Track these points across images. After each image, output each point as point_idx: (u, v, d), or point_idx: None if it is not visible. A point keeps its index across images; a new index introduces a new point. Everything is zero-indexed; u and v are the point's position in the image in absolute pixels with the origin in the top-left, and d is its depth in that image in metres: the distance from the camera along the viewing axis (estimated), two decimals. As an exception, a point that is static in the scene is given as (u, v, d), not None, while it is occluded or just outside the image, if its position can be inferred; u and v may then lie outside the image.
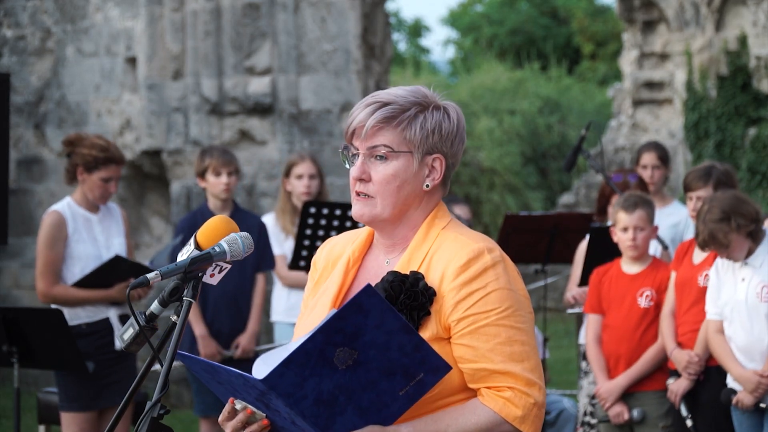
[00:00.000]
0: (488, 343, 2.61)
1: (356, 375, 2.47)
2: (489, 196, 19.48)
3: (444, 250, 2.68)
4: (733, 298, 5.17)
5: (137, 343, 2.68)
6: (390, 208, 2.70)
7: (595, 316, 5.85)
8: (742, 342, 5.16)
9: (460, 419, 2.61)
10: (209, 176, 6.66)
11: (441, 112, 2.72)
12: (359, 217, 2.73)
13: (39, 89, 11.03)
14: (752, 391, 5.09)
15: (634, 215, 5.65)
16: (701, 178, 5.64)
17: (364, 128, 2.68)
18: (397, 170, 2.69)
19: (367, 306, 2.44)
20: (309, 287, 2.89)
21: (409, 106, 2.69)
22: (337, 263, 2.83)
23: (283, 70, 10.30)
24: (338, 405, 2.48)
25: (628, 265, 5.79)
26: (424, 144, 2.69)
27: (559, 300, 12.37)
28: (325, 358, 2.43)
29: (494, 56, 28.66)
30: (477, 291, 2.63)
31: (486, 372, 2.62)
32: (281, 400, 2.44)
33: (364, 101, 2.72)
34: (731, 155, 10.96)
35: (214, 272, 2.72)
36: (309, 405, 2.45)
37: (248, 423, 2.57)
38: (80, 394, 5.81)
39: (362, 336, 2.45)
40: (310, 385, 2.44)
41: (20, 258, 11.01)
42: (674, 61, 11.79)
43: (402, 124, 2.68)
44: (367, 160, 2.70)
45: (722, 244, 5.08)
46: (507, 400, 2.61)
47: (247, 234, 2.72)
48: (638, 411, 5.66)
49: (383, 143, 2.68)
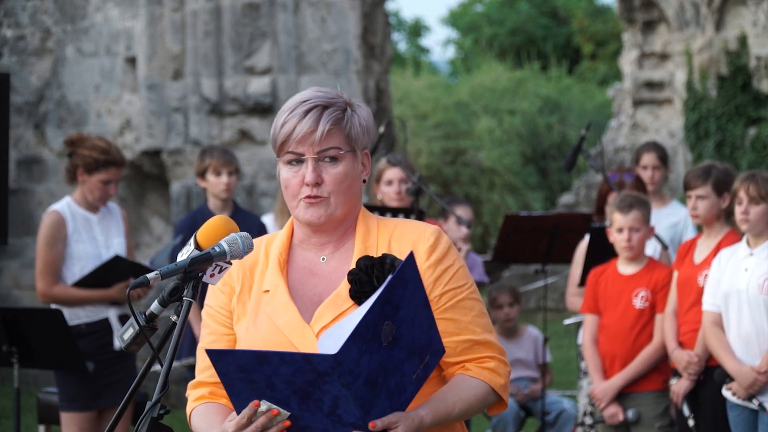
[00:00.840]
0: (467, 315, 2.75)
1: (392, 353, 2.48)
2: (489, 196, 19.49)
3: (402, 233, 2.78)
4: (733, 287, 5.17)
5: (137, 343, 2.68)
6: (342, 206, 2.76)
7: (592, 317, 5.85)
8: (739, 332, 5.16)
9: (462, 394, 2.69)
10: (209, 176, 6.65)
11: (361, 108, 2.80)
12: (317, 219, 2.76)
13: (39, 89, 11.03)
14: (748, 387, 5.09)
15: (630, 216, 5.65)
16: (700, 177, 5.65)
17: (315, 133, 2.70)
18: (347, 169, 2.74)
19: (407, 276, 2.49)
20: (223, 301, 2.82)
21: (343, 105, 2.75)
22: (255, 270, 2.81)
23: (283, 70, 10.30)
24: (378, 386, 2.47)
25: (624, 266, 5.79)
26: (360, 141, 2.77)
27: (559, 300, 12.38)
28: (376, 331, 2.44)
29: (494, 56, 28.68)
30: (449, 268, 2.76)
31: (470, 343, 2.74)
32: (342, 378, 2.39)
33: (299, 107, 2.73)
34: (731, 155, 10.97)
35: (214, 272, 2.71)
36: (361, 384, 2.43)
37: (266, 428, 2.51)
38: (80, 394, 5.80)
39: (401, 309, 2.48)
40: (364, 362, 2.42)
41: (20, 258, 11.01)
42: (674, 61, 11.79)
43: (347, 125, 2.74)
44: (317, 164, 2.73)
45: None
46: (492, 371, 2.74)
47: (247, 234, 2.72)
48: (633, 412, 5.66)
49: (334, 145, 2.72)
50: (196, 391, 2.82)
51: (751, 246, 5.22)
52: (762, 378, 5.07)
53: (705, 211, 5.61)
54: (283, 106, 2.78)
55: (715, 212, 5.63)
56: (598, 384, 5.72)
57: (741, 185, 5.21)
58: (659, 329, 5.67)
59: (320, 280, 2.77)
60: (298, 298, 2.75)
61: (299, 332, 2.68)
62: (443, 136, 19.79)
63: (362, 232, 2.79)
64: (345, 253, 2.78)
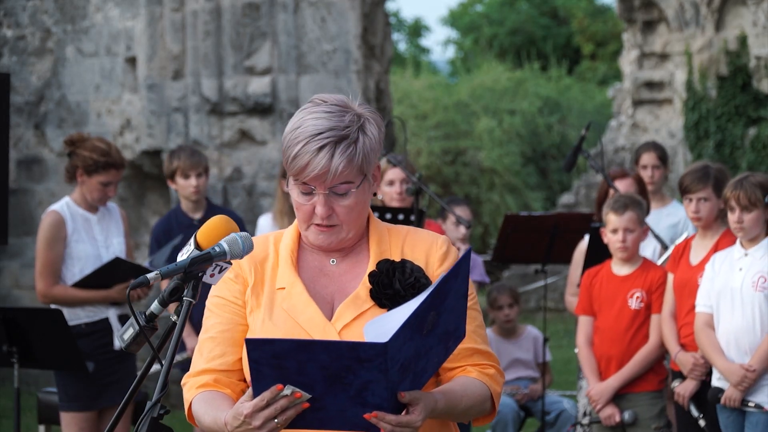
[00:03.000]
0: (471, 325, 2.76)
1: (427, 340, 2.53)
2: (489, 196, 19.48)
3: (414, 240, 2.82)
4: (727, 286, 5.18)
5: (137, 343, 2.68)
6: (354, 230, 2.79)
7: (586, 318, 5.85)
8: (730, 330, 5.16)
9: (468, 391, 2.72)
10: (178, 179, 6.64)
11: (372, 123, 2.75)
12: (327, 246, 2.79)
13: (39, 89, 11.03)
14: (737, 384, 5.09)
15: (624, 217, 5.65)
16: (701, 180, 5.64)
17: (328, 174, 2.68)
18: (358, 198, 2.74)
19: (462, 269, 2.57)
20: (238, 290, 2.83)
21: (355, 130, 2.70)
22: (265, 265, 2.83)
23: (283, 70, 10.30)
24: (409, 371, 2.52)
25: (618, 267, 5.78)
26: (373, 162, 2.76)
27: (559, 300, 12.38)
28: (422, 320, 2.49)
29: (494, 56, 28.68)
30: None
31: (471, 351, 2.78)
32: (385, 365, 2.42)
33: (312, 142, 2.67)
34: (731, 155, 10.97)
35: (214, 272, 2.72)
36: (396, 370, 2.47)
37: (285, 409, 2.49)
38: (80, 393, 5.80)
39: (447, 299, 2.54)
40: (405, 350, 2.47)
41: (20, 258, 11.01)
42: (674, 61, 11.79)
43: (358, 157, 2.70)
44: (328, 197, 2.72)
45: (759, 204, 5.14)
46: (491, 377, 2.79)
47: (247, 234, 2.72)
48: (629, 413, 5.65)
49: (344, 181, 2.71)
50: (198, 378, 2.81)
51: (746, 247, 5.23)
52: (751, 375, 5.08)
53: (707, 213, 5.61)
54: (295, 130, 2.71)
55: (715, 213, 5.64)
56: (594, 385, 5.72)
57: (731, 194, 5.20)
58: (655, 329, 5.66)
59: (331, 281, 2.80)
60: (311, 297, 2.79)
61: (321, 329, 2.71)
62: (443, 136, 19.79)
63: (376, 238, 2.82)
64: (356, 257, 2.81)
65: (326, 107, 2.72)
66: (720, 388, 5.20)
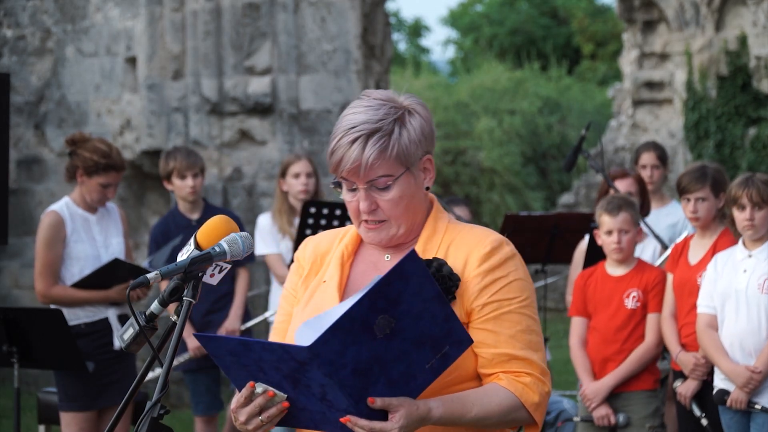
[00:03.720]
0: (510, 329, 2.68)
1: (391, 345, 2.47)
2: (489, 196, 19.48)
3: (463, 239, 2.74)
4: (730, 288, 5.16)
5: (137, 343, 2.69)
6: (404, 224, 2.76)
7: (580, 319, 5.84)
8: (735, 332, 5.15)
9: (484, 399, 2.64)
10: (175, 179, 6.65)
11: (414, 116, 2.73)
12: (378, 243, 2.78)
13: (39, 89, 11.03)
14: (743, 386, 5.09)
15: (618, 218, 5.64)
16: (698, 180, 5.64)
17: (360, 166, 2.68)
18: (402, 191, 2.72)
19: (409, 271, 2.46)
20: (295, 281, 2.89)
21: (391, 124, 2.69)
22: (326, 258, 2.85)
23: (283, 70, 10.30)
24: (372, 376, 2.48)
25: (613, 268, 5.77)
26: (415, 154, 2.72)
27: (559, 300, 12.38)
28: (367, 324, 2.43)
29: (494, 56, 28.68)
30: (501, 278, 2.71)
31: (507, 357, 2.68)
32: (322, 369, 2.42)
33: (346, 136, 2.68)
34: (731, 155, 10.96)
35: (214, 272, 2.72)
36: (347, 374, 2.44)
37: (265, 408, 2.54)
38: (80, 393, 5.80)
39: (402, 303, 2.47)
40: (350, 354, 2.43)
41: (20, 258, 11.01)
42: (674, 61, 11.79)
43: (394, 149, 2.68)
44: (369, 192, 2.71)
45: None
46: (526, 386, 2.67)
47: (247, 234, 2.73)
48: (623, 416, 5.65)
49: (382, 174, 2.69)
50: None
51: (749, 248, 5.22)
52: (757, 377, 5.07)
53: (705, 213, 5.61)
54: (335, 127, 2.73)
55: (713, 213, 5.63)
56: (588, 384, 5.71)
57: (743, 191, 5.17)
58: (651, 329, 5.65)
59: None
60: (353, 292, 2.77)
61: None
62: (443, 136, 19.79)
63: (426, 235, 2.78)
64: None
65: (367, 101, 2.73)
66: (726, 390, 5.19)
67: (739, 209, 5.18)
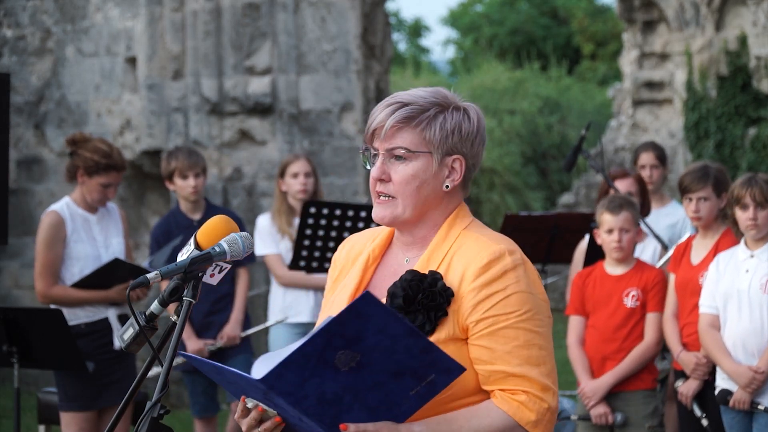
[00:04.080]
0: (506, 345, 2.61)
1: (361, 376, 2.45)
2: (489, 196, 19.48)
3: (465, 250, 2.68)
4: (733, 288, 5.16)
5: (137, 343, 2.69)
6: (411, 208, 2.71)
7: (578, 318, 5.85)
8: (738, 332, 5.15)
9: (473, 421, 2.60)
10: (176, 179, 6.65)
11: (461, 113, 2.73)
12: (380, 220, 2.74)
13: (39, 89, 11.03)
14: (745, 386, 5.09)
15: (619, 217, 5.64)
16: (701, 180, 5.64)
17: (383, 128, 2.68)
18: (417, 171, 2.69)
19: (366, 312, 2.41)
20: (328, 285, 2.91)
21: (429, 106, 2.69)
22: (356, 261, 2.85)
23: (283, 70, 10.30)
24: (344, 404, 2.47)
25: (612, 267, 5.77)
26: (444, 144, 2.70)
27: (559, 300, 12.37)
28: (325, 360, 2.42)
29: (494, 56, 28.67)
30: (497, 293, 2.63)
31: (502, 374, 2.61)
32: (284, 398, 2.44)
33: (385, 101, 2.72)
34: (731, 155, 10.96)
35: (214, 272, 2.72)
36: (312, 404, 2.45)
37: (262, 420, 2.57)
38: (80, 393, 5.81)
39: (364, 340, 2.43)
40: (311, 386, 2.43)
41: (20, 258, 11.01)
42: (674, 61, 11.79)
43: (421, 124, 2.68)
44: (386, 161, 2.71)
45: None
46: (521, 404, 2.61)
47: (247, 234, 2.73)
48: (620, 416, 5.65)
49: (401, 144, 2.68)
50: None
51: (751, 248, 5.22)
52: (759, 377, 5.07)
53: (707, 213, 5.61)
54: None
55: (715, 213, 5.64)
56: (587, 383, 5.71)
57: (746, 191, 5.17)
58: (650, 328, 5.65)
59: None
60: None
61: None
62: (443, 136, 19.77)
63: (436, 242, 2.73)
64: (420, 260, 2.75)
65: (424, 88, 2.76)
66: (728, 390, 5.19)
67: (742, 209, 5.18)
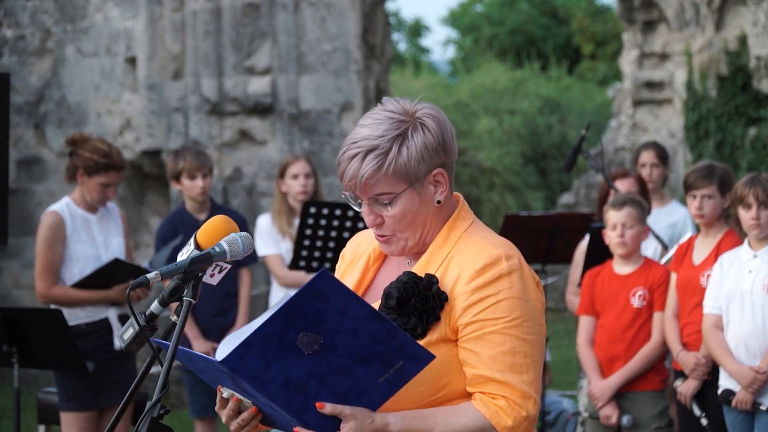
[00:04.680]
0: (491, 350, 2.62)
1: (326, 360, 2.47)
2: (489, 196, 19.47)
3: (463, 253, 2.69)
4: (736, 288, 5.16)
5: (137, 343, 2.69)
6: (413, 238, 2.73)
7: (588, 318, 5.85)
8: (741, 333, 5.15)
9: (449, 419, 2.60)
10: (184, 179, 6.64)
11: (420, 130, 2.69)
12: (390, 254, 2.77)
13: (39, 89, 11.03)
14: (747, 386, 5.09)
15: (622, 212, 5.65)
16: (706, 177, 5.64)
17: (357, 183, 2.68)
18: (405, 207, 2.70)
19: (326, 292, 2.44)
20: (336, 274, 2.92)
21: (390, 143, 2.66)
22: (362, 256, 2.87)
23: (283, 70, 10.30)
24: (310, 389, 2.48)
25: (620, 266, 5.78)
26: (419, 170, 2.69)
27: (559, 300, 12.38)
28: (287, 341, 2.43)
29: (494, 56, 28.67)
30: (488, 297, 2.63)
31: (483, 378, 2.62)
32: (247, 382, 2.44)
33: (348, 150, 2.68)
34: (731, 155, 10.96)
35: (214, 272, 2.72)
36: (277, 388, 2.45)
37: (239, 411, 2.59)
38: (80, 393, 5.80)
39: (325, 321, 2.45)
40: (274, 369, 2.43)
41: (20, 258, 11.01)
42: (674, 61, 11.79)
43: (391, 167, 2.66)
44: (373, 206, 2.71)
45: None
46: (499, 409, 2.61)
47: (247, 234, 2.72)
48: (627, 418, 5.65)
49: (381, 191, 2.68)
50: None
51: (755, 248, 5.22)
52: (761, 377, 5.07)
53: (710, 211, 5.61)
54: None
55: (718, 212, 5.63)
56: (596, 383, 5.72)
57: (749, 190, 5.16)
58: (657, 327, 5.66)
59: None
60: (373, 295, 2.78)
61: None
62: (443, 136, 19.75)
63: (436, 245, 2.74)
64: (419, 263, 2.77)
65: (376, 114, 2.71)
66: (731, 390, 5.19)
67: (745, 208, 5.17)
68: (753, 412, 5.16)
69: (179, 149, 7.04)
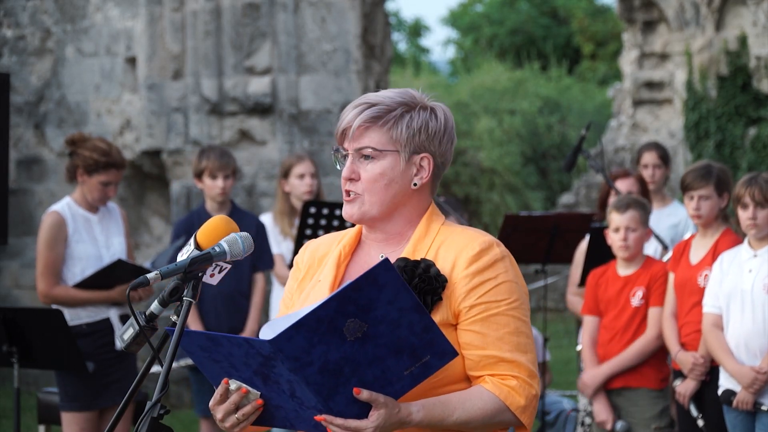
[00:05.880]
0: (498, 331, 2.68)
1: (364, 348, 2.49)
2: (489, 196, 19.47)
3: (453, 241, 2.75)
4: (736, 288, 5.16)
5: (137, 343, 2.69)
6: (378, 205, 2.77)
7: (592, 318, 5.85)
8: (741, 333, 5.15)
9: (467, 404, 2.64)
10: (206, 179, 6.64)
11: (428, 112, 2.78)
12: (349, 217, 2.80)
13: (39, 89, 11.03)
14: (748, 386, 5.09)
15: (626, 215, 5.65)
16: (703, 178, 5.64)
17: (351, 129, 2.74)
18: (384, 169, 2.75)
19: (382, 280, 2.48)
20: (291, 286, 2.92)
21: (396, 106, 2.75)
22: (323, 260, 2.88)
23: (283, 70, 10.30)
24: (343, 376, 2.50)
25: (622, 268, 5.78)
26: (411, 143, 2.76)
27: (559, 300, 12.38)
28: (335, 326, 2.45)
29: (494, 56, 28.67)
30: (489, 280, 2.70)
31: (494, 359, 2.67)
32: (287, 364, 2.44)
33: (354, 102, 2.79)
34: (731, 155, 10.96)
35: (214, 272, 2.72)
36: (314, 372, 2.46)
37: (240, 405, 2.58)
38: (80, 393, 5.81)
39: (374, 310, 2.48)
40: (317, 352, 2.45)
41: (20, 258, 11.01)
42: (674, 61, 11.79)
43: (388, 123, 2.74)
44: (355, 160, 2.77)
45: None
46: (512, 389, 2.67)
47: (247, 234, 2.73)
48: (621, 424, 5.65)
49: (369, 144, 2.74)
50: None
51: (754, 248, 5.22)
52: (762, 377, 5.07)
53: (708, 211, 5.61)
54: None
55: (716, 212, 5.63)
56: (586, 371, 5.73)
57: (746, 190, 5.17)
58: (653, 321, 5.66)
59: None
60: None
61: None
62: (443, 136, 19.74)
63: (418, 235, 2.78)
64: (401, 254, 2.80)
65: (394, 90, 2.82)
66: (732, 390, 5.19)
67: (743, 208, 5.18)
68: (754, 413, 5.16)
69: (205, 148, 7.06)
